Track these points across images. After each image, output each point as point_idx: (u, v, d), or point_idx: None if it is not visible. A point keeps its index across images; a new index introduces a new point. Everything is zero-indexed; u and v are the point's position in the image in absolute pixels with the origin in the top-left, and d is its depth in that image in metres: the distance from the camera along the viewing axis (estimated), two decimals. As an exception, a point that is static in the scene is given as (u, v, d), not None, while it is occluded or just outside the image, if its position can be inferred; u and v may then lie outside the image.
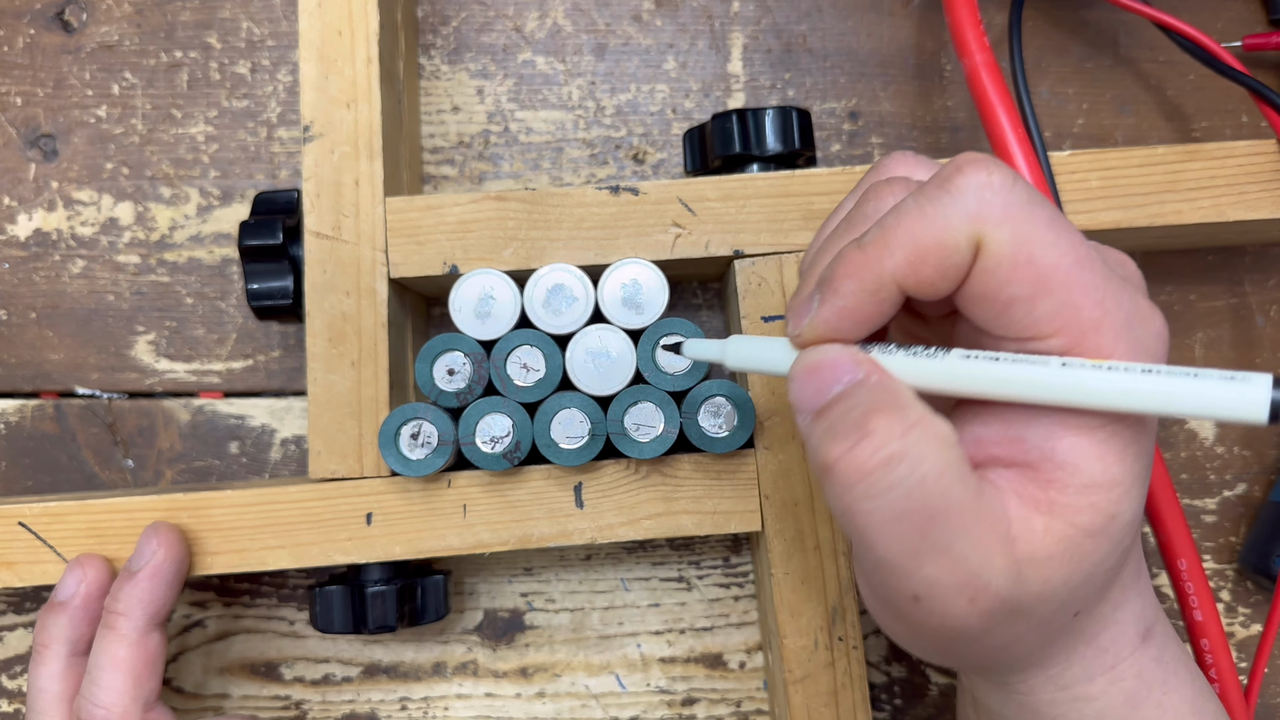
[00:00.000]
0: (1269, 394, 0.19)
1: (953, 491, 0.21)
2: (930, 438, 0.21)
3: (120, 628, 0.33)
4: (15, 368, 0.42)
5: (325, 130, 0.36)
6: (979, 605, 0.22)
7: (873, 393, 0.22)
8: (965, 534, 0.21)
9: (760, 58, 0.43)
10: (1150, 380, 0.20)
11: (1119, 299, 0.22)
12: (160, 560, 0.33)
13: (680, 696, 0.41)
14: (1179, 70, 0.43)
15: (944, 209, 0.21)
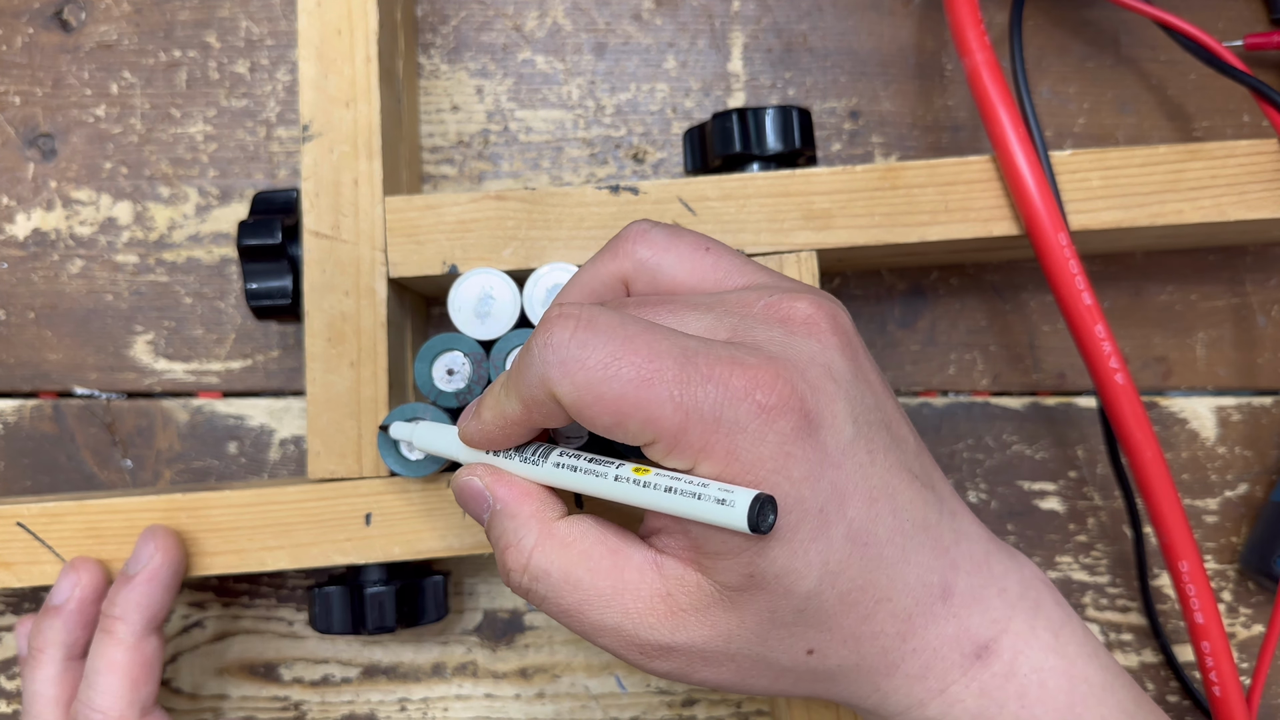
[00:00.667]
0: (745, 513, 0.23)
1: (585, 584, 0.26)
2: (549, 553, 0.26)
3: (117, 632, 0.33)
4: (14, 368, 0.42)
5: (324, 129, 0.36)
6: (649, 654, 0.26)
7: (501, 524, 0.27)
8: (611, 611, 0.26)
9: (761, 57, 0.43)
10: (667, 497, 0.24)
11: (702, 394, 0.24)
12: (157, 565, 0.33)
13: (680, 697, 0.41)
14: (1180, 69, 0.43)
15: (526, 372, 0.25)
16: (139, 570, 0.33)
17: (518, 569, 0.27)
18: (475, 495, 0.28)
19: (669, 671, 0.26)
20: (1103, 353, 0.35)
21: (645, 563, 0.26)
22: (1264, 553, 0.39)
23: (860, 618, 0.26)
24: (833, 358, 0.26)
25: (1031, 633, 0.28)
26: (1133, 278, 0.42)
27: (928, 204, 0.35)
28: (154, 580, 0.33)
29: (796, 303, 0.27)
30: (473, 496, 0.28)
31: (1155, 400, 0.42)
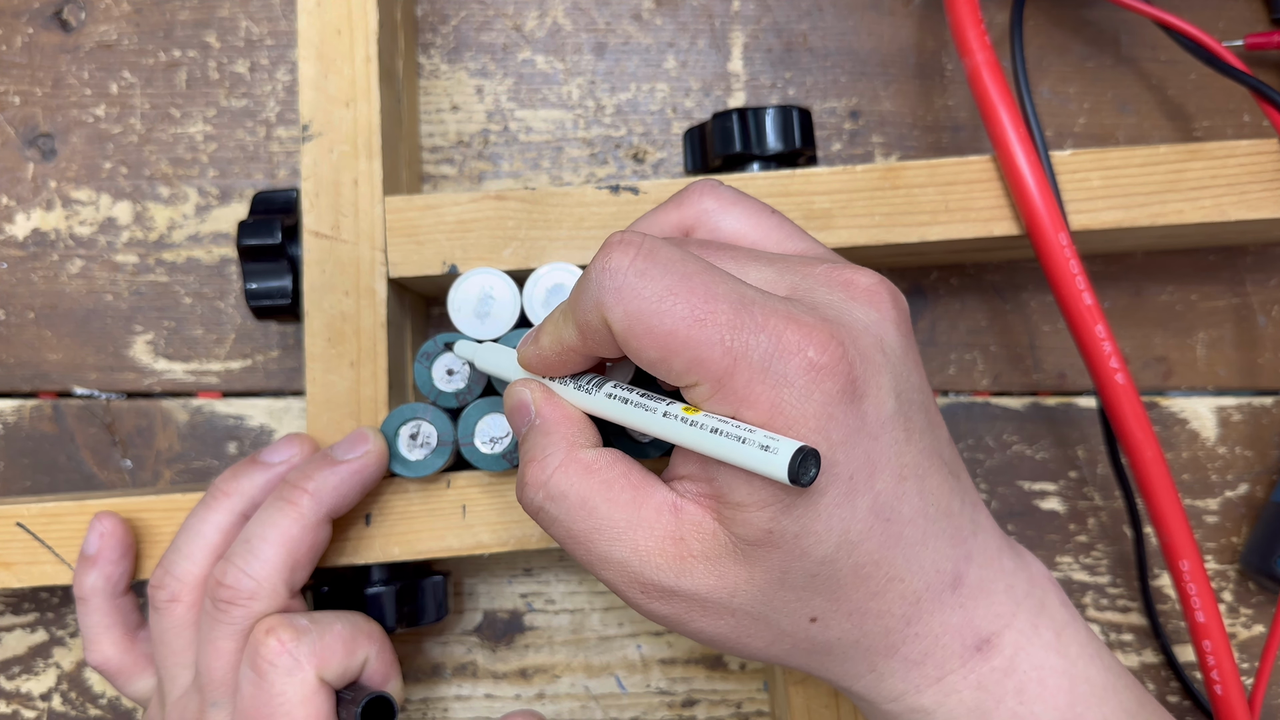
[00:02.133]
0: (786, 464, 0.23)
1: (600, 513, 0.26)
2: (571, 476, 0.26)
3: (302, 505, 0.31)
4: (13, 368, 0.42)
5: (324, 129, 0.36)
6: (650, 594, 0.26)
7: (533, 439, 0.27)
8: (620, 545, 0.25)
9: (761, 56, 0.43)
10: (711, 439, 0.24)
11: (754, 341, 0.24)
12: (369, 460, 0.32)
13: (681, 698, 0.41)
14: (1180, 69, 0.43)
15: (582, 296, 0.25)
16: (349, 458, 0.32)
17: (535, 484, 0.26)
18: (520, 407, 0.28)
19: (665, 615, 0.26)
20: (1103, 353, 0.35)
21: (664, 503, 0.26)
22: (1265, 553, 0.39)
23: (869, 593, 0.26)
24: (887, 330, 0.26)
25: (1034, 631, 0.27)
26: (1133, 278, 0.42)
27: (928, 204, 0.35)
28: (360, 474, 0.32)
29: (859, 274, 0.27)
30: (518, 408, 0.28)
31: (1156, 400, 0.42)
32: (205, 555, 0.32)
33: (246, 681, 0.30)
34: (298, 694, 0.30)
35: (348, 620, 0.32)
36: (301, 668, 0.30)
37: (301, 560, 0.32)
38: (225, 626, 0.31)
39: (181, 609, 0.32)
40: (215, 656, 0.31)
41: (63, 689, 0.41)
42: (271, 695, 0.30)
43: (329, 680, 0.31)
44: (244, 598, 0.31)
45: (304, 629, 0.31)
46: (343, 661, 0.31)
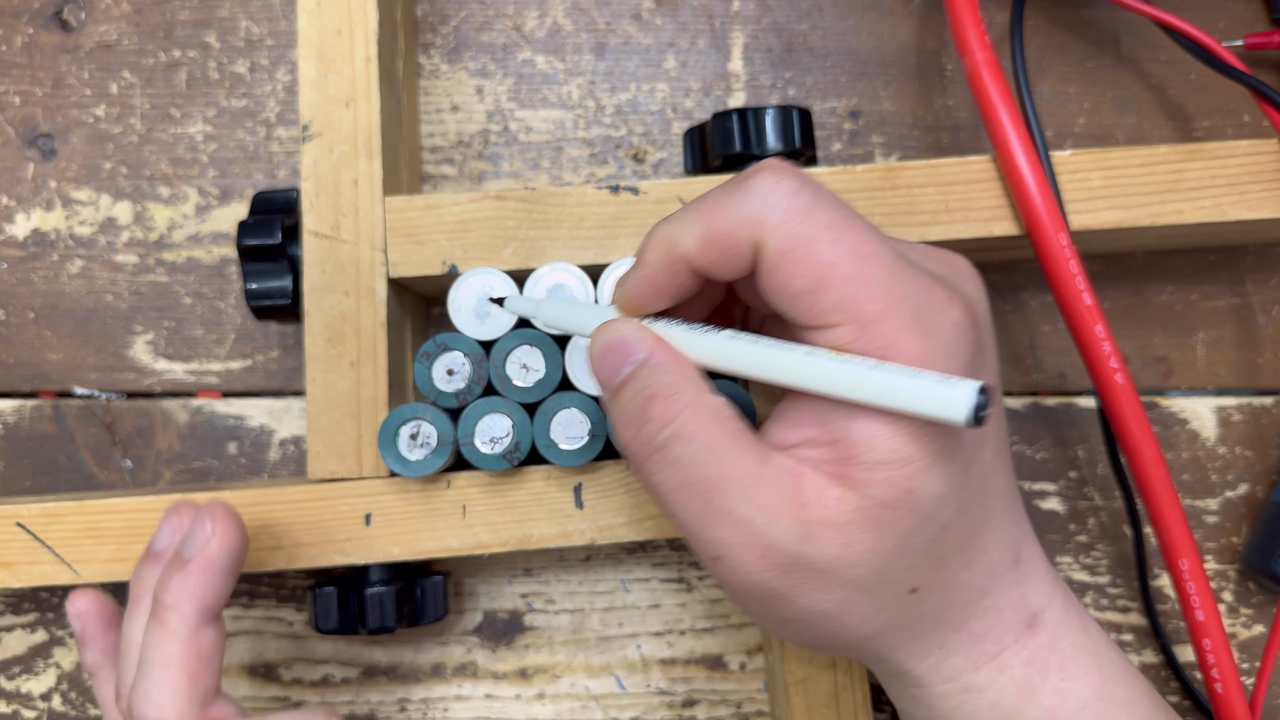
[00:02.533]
0: (971, 399, 0.21)
1: (728, 461, 0.24)
2: (702, 417, 0.24)
3: (169, 623, 0.29)
4: (13, 368, 0.42)
5: (324, 129, 0.36)
6: (770, 561, 0.24)
7: (652, 375, 0.25)
8: (746, 498, 0.24)
9: (761, 57, 0.43)
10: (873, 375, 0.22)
11: (908, 290, 0.24)
12: (214, 551, 0.29)
13: (681, 698, 0.41)
14: (1180, 69, 0.43)
15: (731, 206, 0.24)
16: (194, 555, 0.29)
17: (661, 419, 0.24)
18: (622, 345, 0.26)
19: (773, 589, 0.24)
20: (1103, 353, 0.35)
21: (784, 467, 0.24)
22: (1265, 553, 0.39)
23: (963, 563, 0.26)
24: (986, 308, 0.26)
25: (1067, 611, 0.28)
26: (1133, 278, 0.42)
27: (928, 204, 0.35)
28: (210, 568, 0.29)
29: (955, 254, 0.27)
30: (619, 346, 0.26)
31: (1156, 400, 0.42)
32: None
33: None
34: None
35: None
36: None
37: (197, 673, 0.29)
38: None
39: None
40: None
41: (63, 689, 0.41)
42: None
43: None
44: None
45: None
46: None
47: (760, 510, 0.24)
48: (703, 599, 0.41)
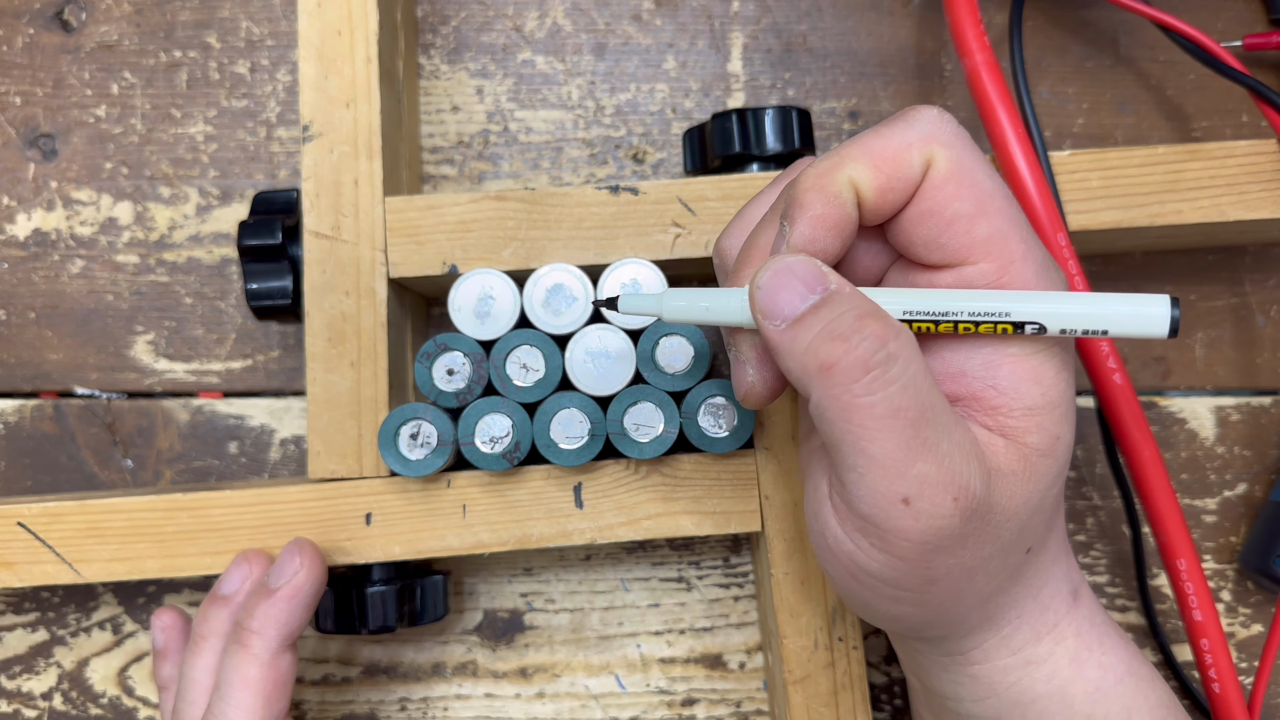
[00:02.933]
0: (1169, 311, 0.22)
1: (935, 393, 0.23)
2: (911, 342, 0.23)
3: (253, 646, 0.32)
4: (14, 368, 0.42)
5: (324, 130, 0.36)
6: (961, 505, 0.23)
7: (854, 298, 0.24)
8: (948, 434, 0.23)
9: (760, 57, 0.43)
10: (1069, 302, 0.23)
11: (1037, 242, 0.25)
12: (300, 582, 0.32)
13: (680, 697, 0.41)
14: (1179, 70, 0.43)
15: (900, 130, 0.24)
16: (281, 585, 0.32)
17: (880, 338, 0.23)
18: (809, 272, 0.24)
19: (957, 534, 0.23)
20: (1101, 353, 0.35)
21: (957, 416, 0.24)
22: (1263, 552, 0.39)
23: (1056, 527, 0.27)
24: None
25: (1091, 592, 0.29)
26: (1132, 278, 0.42)
27: (927, 204, 0.35)
28: (295, 598, 0.32)
29: None
30: (807, 273, 0.24)
31: (1154, 400, 0.42)
32: (205, 699, 0.33)
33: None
34: None
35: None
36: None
37: (272, 695, 0.32)
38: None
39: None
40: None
41: (64, 688, 0.41)
42: None
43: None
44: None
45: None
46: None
47: (958, 449, 0.23)
48: (702, 598, 0.41)
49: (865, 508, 0.24)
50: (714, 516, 0.35)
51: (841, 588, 0.27)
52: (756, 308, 0.24)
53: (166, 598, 0.41)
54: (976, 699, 0.28)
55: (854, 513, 0.24)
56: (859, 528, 0.25)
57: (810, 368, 0.23)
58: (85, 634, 0.41)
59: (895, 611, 0.26)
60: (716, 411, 0.34)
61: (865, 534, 0.24)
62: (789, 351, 0.24)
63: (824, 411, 0.23)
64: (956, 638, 0.27)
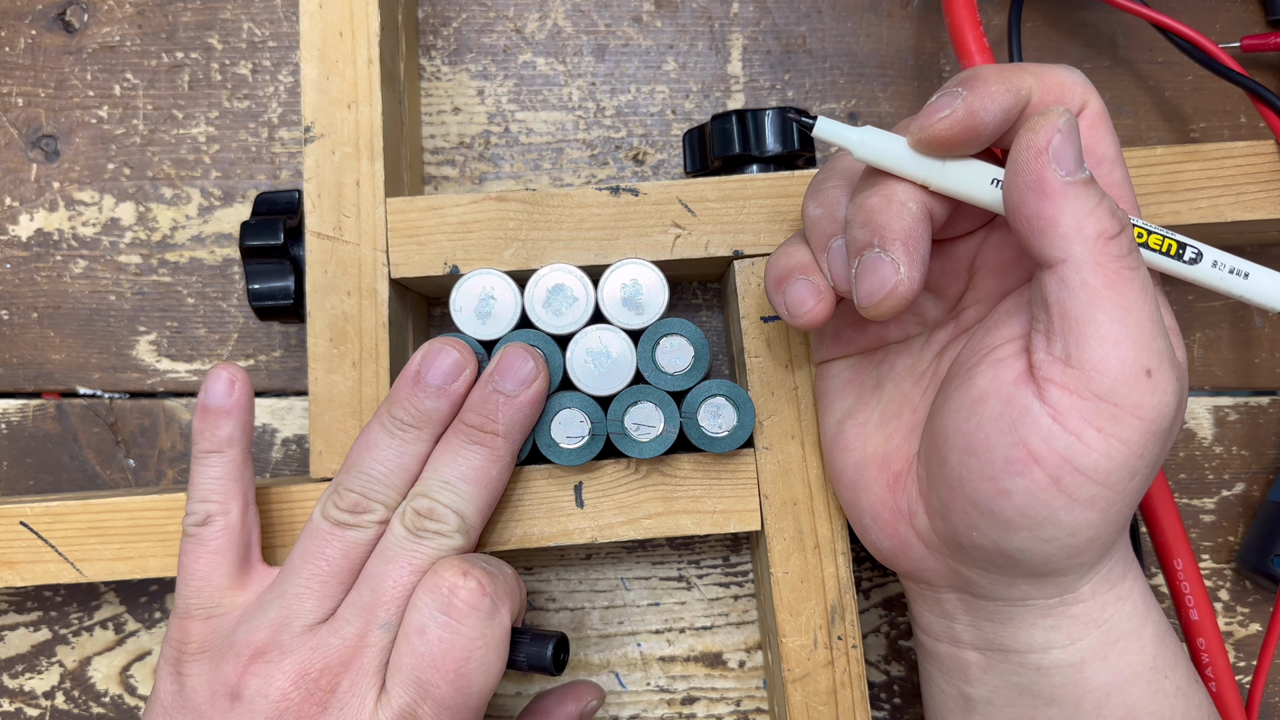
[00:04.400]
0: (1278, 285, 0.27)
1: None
2: None
3: (498, 449, 0.31)
4: (17, 367, 0.42)
5: (326, 131, 0.36)
6: (1180, 385, 0.26)
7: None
8: (1162, 321, 0.26)
9: (760, 59, 0.43)
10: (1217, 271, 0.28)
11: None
12: (540, 388, 0.32)
13: (680, 695, 0.41)
14: (1177, 71, 0.43)
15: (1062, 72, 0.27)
16: (522, 390, 0.31)
17: (1130, 227, 0.26)
18: (1079, 144, 0.26)
19: (1162, 410, 0.25)
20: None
21: None
22: (1261, 552, 0.39)
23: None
24: None
25: None
26: (1130, 278, 0.42)
27: (926, 205, 0.35)
28: (537, 402, 0.32)
29: None
30: (1076, 142, 0.26)
31: (1153, 400, 0.42)
32: (407, 485, 0.31)
33: (435, 624, 0.29)
34: (495, 637, 0.29)
35: (506, 565, 0.32)
36: (499, 612, 0.30)
37: (497, 498, 0.32)
38: (416, 556, 0.30)
39: (370, 534, 0.31)
40: (396, 582, 0.30)
41: (65, 687, 0.41)
42: (471, 639, 0.29)
43: (511, 624, 0.31)
44: (450, 531, 0.30)
45: (494, 574, 0.30)
46: (520, 604, 0.31)
47: (1169, 334, 0.27)
48: (702, 597, 0.41)
49: (1109, 381, 0.25)
50: (714, 516, 0.35)
51: (1023, 503, 0.26)
52: (1045, 152, 0.25)
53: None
54: (1069, 642, 0.29)
55: (1087, 395, 0.25)
56: (1088, 413, 0.25)
57: (1089, 230, 0.25)
58: (87, 633, 0.41)
59: (1080, 521, 0.26)
60: (716, 411, 0.34)
61: (1094, 418, 0.25)
62: (1069, 206, 0.25)
63: (1086, 276, 0.25)
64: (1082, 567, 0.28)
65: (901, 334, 0.32)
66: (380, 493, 0.31)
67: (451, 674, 0.29)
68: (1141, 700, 0.29)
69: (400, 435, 0.31)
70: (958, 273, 0.31)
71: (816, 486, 0.35)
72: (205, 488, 0.32)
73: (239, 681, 0.29)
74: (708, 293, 0.42)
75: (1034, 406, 0.25)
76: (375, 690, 0.29)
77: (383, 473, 0.31)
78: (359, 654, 0.29)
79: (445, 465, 0.31)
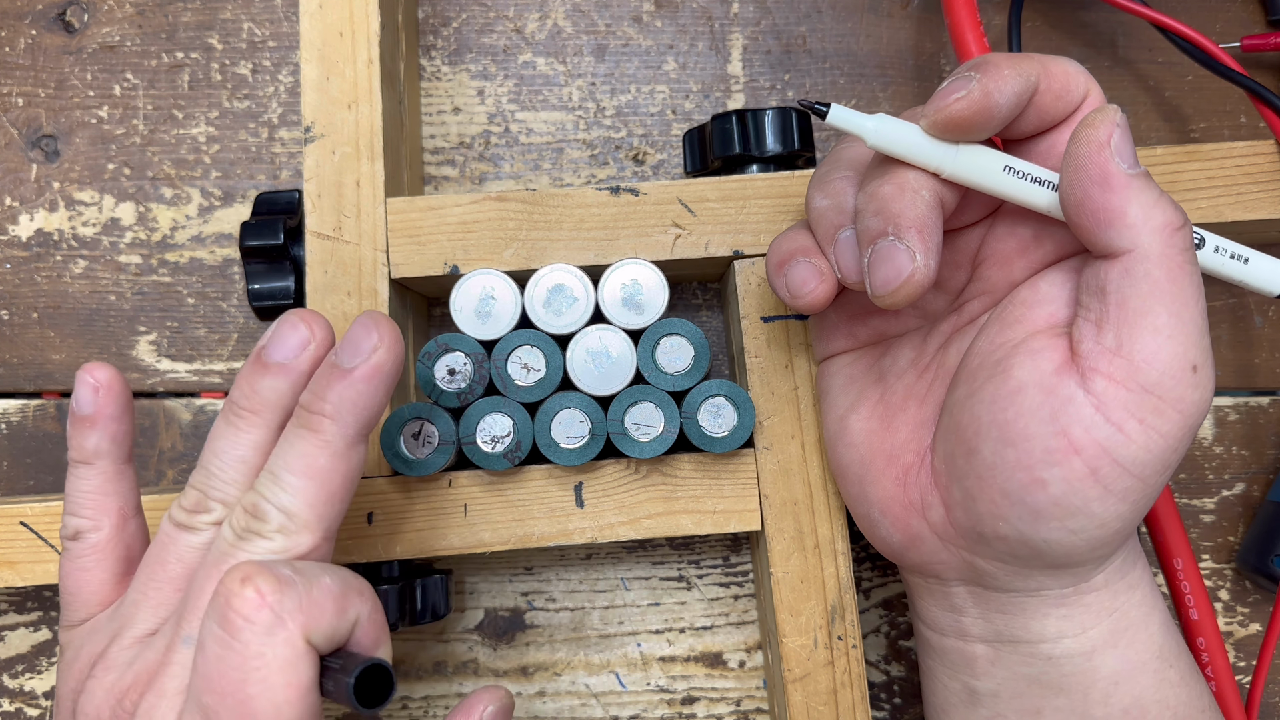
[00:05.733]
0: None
1: None
2: None
3: (326, 432, 0.27)
4: (17, 367, 0.42)
5: (326, 131, 0.36)
6: (1213, 384, 0.26)
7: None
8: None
9: (760, 59, 0.43)
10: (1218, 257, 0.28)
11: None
12: (381, 359, 0.27)
13: (680, 695, 0.41)
14: (1177, 71, 0.43)
15: (1066, 63, 0.27)
16: (358, 364, 0.27)
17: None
18: (1132, 141, 0.26)
19: (1202, 406, 0.26)
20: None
21: None
22: (1261, 551, 0.39)
23: None
24: None
25: None
26: (1130, 278, 0.42)
27: (926, 205, 0.35)
28: (375, 378, 0.27)
29: None
30: (1130, 139, 0.26)
31: (1152, 400, 0.42)
32: (246, 480, 0.28)
33: (212, 640, 0.24)
34: (278, 658, 0.24)
35: (336, 574, 0.26)
36: (285, 626, 0.24)
37: (338, 493, 0.27)
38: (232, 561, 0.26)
39: (207, 537, 0.28)
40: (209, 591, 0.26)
41: (66, 687, 0.41)
42: (245, 658, 0.24)
43: (315, 644, 0.25)
44: (271, 531, 0.26)
45: (288, 580, 0.25)
46: (332, 622, 0.25)
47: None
48: (702, 597, 0.41)
49: (1156, 374, 0.25)
50: (714, 516, 0.35)
51: (1057, 492, 0.26)
52: (1107, 146, 0.26)
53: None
54: (1081, 631, 0.29)
55: (1133, 388, 0.25)
56: (1132, 406, 0.25)
57: (1156, 221, 0.25)
58: (88, 633, 0.41)
59: (1111, 513, 0.26)
60: (716, 411, 0.34)
61: (1137, 411, 0.25)
62: (1136, 198, 0.25)
63: (1150, 269, 0.25)
64: (1101, 559, 0.28)
65: (902, 327, 0.32)
66: (219, 490, 0.28)
67: (230, 699, 0.24)
68: (1148, 689, 0.29)
69: (236, 423, 0.28)
70: (961, 264, 0.31)
71: (817, 486, 0.35)
72: (75, 500, 0.29)
73: (76, 694, 0.27)
74: (708, 293, 0.42)
75: (1078, 395, 0.26)
76: (174, 714, 0.25)
77: (219, 466, 0.28)
78: (161, 671, 0.26)
79: (276, 456, 0.27)
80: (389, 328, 0.27)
